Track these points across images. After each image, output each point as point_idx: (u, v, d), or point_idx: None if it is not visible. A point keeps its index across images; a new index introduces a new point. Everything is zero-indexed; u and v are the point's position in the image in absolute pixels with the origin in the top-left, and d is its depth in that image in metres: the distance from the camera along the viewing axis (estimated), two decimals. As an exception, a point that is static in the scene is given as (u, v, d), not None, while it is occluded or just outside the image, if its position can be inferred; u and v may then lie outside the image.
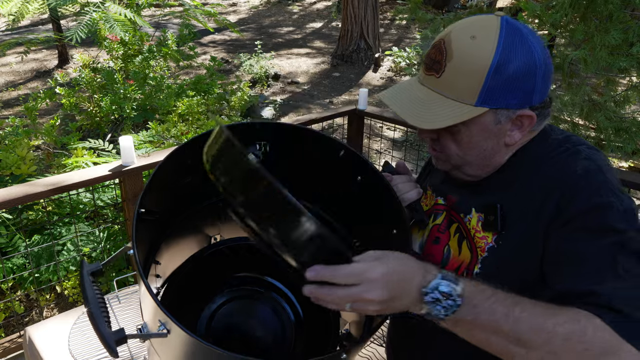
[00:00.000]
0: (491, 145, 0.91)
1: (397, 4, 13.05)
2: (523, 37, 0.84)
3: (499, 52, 0.82)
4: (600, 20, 3.05)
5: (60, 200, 3.02)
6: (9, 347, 2.40)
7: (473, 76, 0.83)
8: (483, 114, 0.86)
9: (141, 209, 0.90)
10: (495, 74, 0.82)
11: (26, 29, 9.88)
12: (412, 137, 5.73)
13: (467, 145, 0.91)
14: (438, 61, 0.87)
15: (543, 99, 0.88)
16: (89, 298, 0.84)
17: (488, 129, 0.89)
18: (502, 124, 0.88)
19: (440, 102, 0.87)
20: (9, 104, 6.83)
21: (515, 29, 0.84)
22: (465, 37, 0.85)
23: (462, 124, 0.87)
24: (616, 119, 3.23)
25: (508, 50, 0.82)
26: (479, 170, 0.96)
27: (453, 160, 0.96)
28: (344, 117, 3.50)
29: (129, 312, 1.69)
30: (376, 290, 0.68)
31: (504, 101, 0.85)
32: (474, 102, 0.85)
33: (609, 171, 0.85)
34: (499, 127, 0.88)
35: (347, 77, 8.52)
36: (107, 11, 4.62)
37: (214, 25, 8.09)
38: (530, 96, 0.86)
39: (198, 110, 4.24)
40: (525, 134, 0.91)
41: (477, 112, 0.85)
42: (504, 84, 0.83)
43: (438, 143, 0.95)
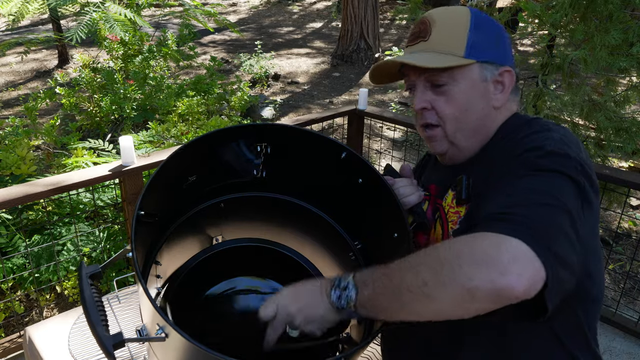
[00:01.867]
0: (481, 104, 0.97)
1: (397, 4, 13.05)
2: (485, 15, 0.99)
3: (473, 16, 0.97)
4: (600, 20, 3.05)
5: (60, 200, 3.02)
6: (9, 347, 2.40)
7: (457, 32, 0.96)
8: (471, 67, 0.95)
9: (140, 212, 0.90)
10: (475, 31, 0.95)
11: (26, 29, 9.88)
12: (412, 137, 5.72)
13: (459, 102, 0.97)
14: (423, 30, 0.99)
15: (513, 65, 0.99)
16: (86, 301, 0.84)
17: (476, 85, 0.96)
18: (488, 83, 0.97)
19: (434, 55, 0.96)
20: (9, 104, 6.83)
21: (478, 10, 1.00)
22: (441, 10, 1.00)
23: (452, 79, 0.96)
24: (616, 119, 3.22)
25: (478, 16, 0.97)
26: (471, 139, 1.00)
27: (448, 127, 0.99)
28: (344, 117, 3.49)
29: (128, 312, 1.69)
30: (289, 306, 0.86)
31: (488, 54, 0.96)
32: (463, 54, 0.95)
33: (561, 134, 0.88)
34: (485, 85, 0.97)
35: (347, 77, 8.52)
36: (107, 11, 4.62)
37: (214, 25, 8.09)
38: (506, 55, 0.99)
39: (198, 110, 4.24)
40: (507, 96, 0.98)
41: (467, 62, 0.95)
42: (484, 39, 0.96)
43: (432, 113, 1.00)
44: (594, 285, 0.92)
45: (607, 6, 2.89)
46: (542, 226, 0.72)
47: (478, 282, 0.66)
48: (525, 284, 0.66)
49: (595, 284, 0.92)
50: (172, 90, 4.45)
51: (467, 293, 0.67)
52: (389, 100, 7.40)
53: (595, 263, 0.92)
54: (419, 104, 1.00)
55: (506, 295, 0.66)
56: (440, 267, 0.70)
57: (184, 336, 0.74)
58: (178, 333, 0.74)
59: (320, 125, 3.49)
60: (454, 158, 1.04)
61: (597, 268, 0.92)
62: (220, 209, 1.18)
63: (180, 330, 0.74)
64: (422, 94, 1.00)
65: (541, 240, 0.70)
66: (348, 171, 1.12)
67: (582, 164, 0.83)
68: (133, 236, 0.85)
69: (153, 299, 0.80)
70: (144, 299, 0.83)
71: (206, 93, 4.82)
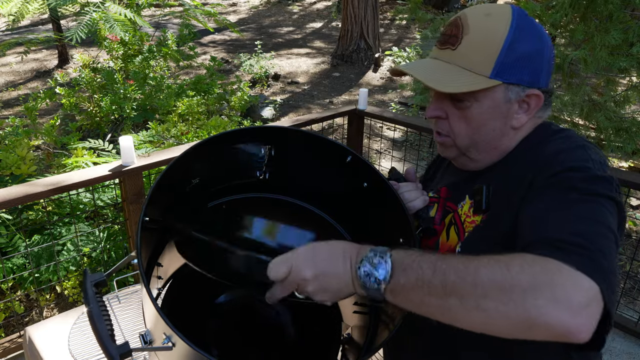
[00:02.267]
0: (499, 125, 0.93)
1: (397, 4, 13.05)
2: (532, 22, 0.91)
3: (512, 31, 0.88)
4: (600, 20, 3.05)
5: (60, 200, 3.02)
6: (9, 347, 2.40)
7: (488, 49, 0.88)
8: (495, 89, 0.89)
9: (145, 218, 0.89)
10: (508, 50, 0.88)
11: (26, 29, 9.88)
12: (412, 137, 5.72)
13: (476, 122, 0.92)
14: (454, 35, 0.91)
15: (547, 84, 0.93)
16: (93, 313, 0.82)
17: (498, 107, 0.91)
18: (512, 103, 0.91)
19: (457, 72, 0.90)
20: (9, 104, 6.83)
21: (525, 15, 0.91)
22: (480, 14, 0.91)
23: (474, 98, 0.90)
24: (616, 119, 3.23)
25: (520, 30, 0.88)
26: (484, 154, 0.96)
27: (459, 142, 0.95)
28: (344, 117, 3.49)
29: (129, 312, 1.69)
30: (304, 270, 0.76)
31: (516, 76, 0.89)
32: (489, 74, 0.88)
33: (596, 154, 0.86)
34: (507, 106, 0.91)
35: (347, 77, 8.52)
36: (107, 11, 4.62)
37: (214, 25, 8.09)
38: (539, 76, 0.91)
39: (198, 110, 4.24)
40: (531, 117, 0.93)
41: (491, 83, 0.88)
42: (516, 60, 0.88)
43: (445, 124, 0.96)
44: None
45: (607, 6, 2.89)
46: (608, 265, 0.70)
47: (547, 317, 0.63)
48: (592, 329, 0.64)
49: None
50: (172, 90, 4.45)
51: (528, 321, 0.64)
52: (389, 100, 7.40)
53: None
54: (432, 111, 0.96)
55: (570, 337, 0.64)
56: (509, 285, 0.66)
57: (191, 346, 0.73)
58: (185, 343, 0.73)
59: (320, 125, 3.49)
60: (466, 166, 1.01)
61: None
62: (222, 210, 1.18)
63: (187, 340, 0.74)
64: (438, 102, 0.95)
65: (608, 281, 0.68)
66: (353, 174, 1.10)
67: (618, 185, 0.82)
68: (138, 243, 0.84)
69: (159, 307, 0.79)
70: (148, 305, 0.82)
71: (206, 93, 4.82)
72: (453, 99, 0.93)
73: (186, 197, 1.10)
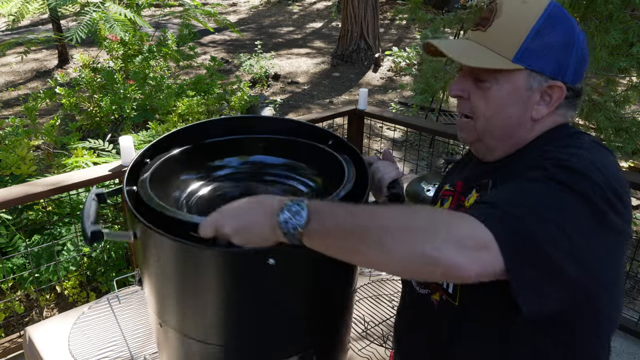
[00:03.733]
0: (517, 113, 0.93)
1: (397, 4, 13.05)
2: (568, 17, 0.91)
3: (543, 19, 0.89)
4: (600, 20, 3.05)
5: (60, 200, 3.02)
6: (9, 347, 2.40)
7: (515, 33, 0.90)
8: (517, 73, 0.90)
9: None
10: (535, 36, 0.89)
11: (26, 29, 9.88)
12: (412, 137, 5.73)
13: (495, 104, 0.93)
14: (487, 18, 0.94)
15: (576, 81, 0.92)
16: (84, 207, 0.99)
17: (518, 92, 0.91)
18: (533, 92, 0.91)
19: (482, 51, 0.92)
20: (9, 104, 6.83)
21: (562, 10, 0.91)
22: (517, 0, 0.93)
23: (495, 79, 0.92)
24: (616, 119, 3.23)
25: (551, 19, 0.89)
26: (499, 142, 0.97)
27: (479, 125, 0.96)
28: (344, 117, 3.50)
29: (129, 312, 1.69)
30: (225, 227, 0.84)
31: (539, 64, 0.90)
32: (512, 58, 0.90)
33: (599, 159, 0.83)
34: (528, 93, 0.91)
35: (347, 77, 8.52)
36: (107, 11, 4.62)
37: (214, 25, 8.08)
38: (565, 70, 0.90)
39: (198, 110, 4.24)
40: (552, 111, 0.93)
41: (512, 66, 0.90)
42: (541, 48, 0.89)
43: (467, 104, 0.97)
44: (604, 308, 0.91)
45: (607, 6, 2.89)
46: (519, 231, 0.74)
47: (439, 255, 0.71)
48: (478, 271, 0.72)
49: (606, 309, 0.92)
50: (172, 90, 4.45)
51: (423, 258, 0.72)
52: (389, 100, 7.40)
53: (610, 293, 0.90)
54: (454, 89, 0.98)
55: (456, 274, 0.72)
56: (412, 227, 0.74)
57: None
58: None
59: (320, 125, 3.49)
60: (481, 154, 1.03)
61: (610, 296, 0.90)
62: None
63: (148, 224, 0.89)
64: (461, 81, 0.97)
65: (514, 239, 0.73)
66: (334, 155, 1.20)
67: (603, 188, 0.78)
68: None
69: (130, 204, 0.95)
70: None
71: (206, 93, 4.81)
72: (476, 79, 0.94)
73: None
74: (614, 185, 0.80)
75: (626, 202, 0.82)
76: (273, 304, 0.98)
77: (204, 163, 1.26)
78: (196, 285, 0.96)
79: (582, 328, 0.90)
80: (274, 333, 1.02)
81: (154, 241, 0.94)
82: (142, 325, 1.63)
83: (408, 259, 0.73)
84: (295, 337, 1.06)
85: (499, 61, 0.90)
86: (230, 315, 1.00)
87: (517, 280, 0.74)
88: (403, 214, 0.77)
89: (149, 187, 1.03)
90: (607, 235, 0.80)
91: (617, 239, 0.83)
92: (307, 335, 1.08)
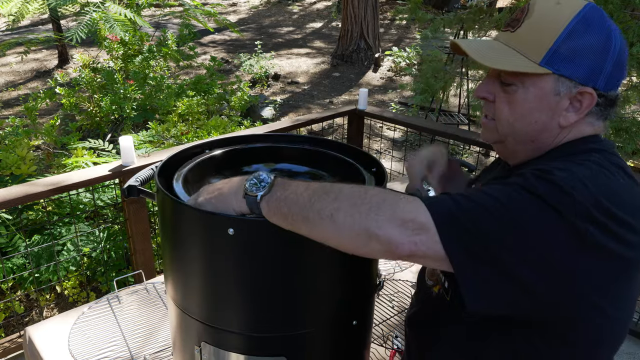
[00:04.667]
0: (543, 119, 0.89)
1: (397, 4, 13.05)
2: (604, 19, 0.86)
3: (576, 21, 0.84)
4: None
5: (60, 200, 3.02)
6: (9, 347, 2.40)
7: (544, 35, 0.85)
8: (544, 77, 0.86)
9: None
10: (566, 39, 0.84)
11: (26, 29, 9.88)
12: (412, 137, 5.73)
13: (520, 108, 0.89)
14: (517, 19, 0.90)
15: (610, 88, 0.87)
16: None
17: (545, 97, 0.87)
18: (561, 97, 0.86)
19: (509, 53, 0.89)
20: (9, 104, 6.83)
21: (599, 10, 0.86)
22: (551, 1, 0.88)
23: (521, 83, 0.88)
24: (616, 119, 3.23)
25: (585, 22, 0.84)
26: (521, 146, 0.93)
27: (500, 127, 0.94)
28: (344, 117, 3.50)
29: (129, 312, 1.69)
30: (201, 201, 0.94)
31: (569, 69, 0.85)
32: (539, 61, 0.85)
33: (595, 181, 0.78)
34: (556, 99, 0.87)
35: (347, 77, 8.52)
36: (107, 11, 4.62)
37: (214, 25, 8.09)
38: (597, 76, 0.85)
39: (198, 110, 4.24)
40: (581, 118, 0.88)
41: (539, 70, 0.85)
42: (571, 51, 0.84)
43: (492, 107, 0.94)
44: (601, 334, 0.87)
45: (607, 6, 2.89)
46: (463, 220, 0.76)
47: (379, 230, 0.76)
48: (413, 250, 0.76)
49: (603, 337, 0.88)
50: (172, 90, 4.45)
51: (366, 232, 0.77)
52: (389, 100, 7.40)
53: (609, 317, 0.85)
54: (479, 91, 0.96)
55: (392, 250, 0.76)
56: (360, 202, 0.78)
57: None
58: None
59: (320, 125, 3.49)
60: (503, 154, 1.01)
61: (610, 319, 0.85)
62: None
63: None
64: (487, 84, 0.94)
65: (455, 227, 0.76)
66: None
67: (586, 206, 0.74)
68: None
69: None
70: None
71: (206, 93, 4.82)
72: (502, 82, 0.91)
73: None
74: (606, 205, 0.75)
75: (631, 225, 0.77)
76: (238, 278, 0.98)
77: (233, 169, 1.29)
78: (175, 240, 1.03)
79: (577, 342, 0.87)
80: (243, 311, 1.01)
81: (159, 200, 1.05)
82: (142, 325, 1.63)
83: (354, 233, 0.78)
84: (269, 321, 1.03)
85: (525, 64, 0.86)
86: (207, 285, 1.02)
87: (459, 272, 0.76)
88: (357, 191, 0.81)
89: (181, 182, 1.11)
90: (590, 255, 0.76)
91: (611, 263, 0.78)
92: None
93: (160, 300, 1.76)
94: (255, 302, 0.99)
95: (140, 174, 1.18)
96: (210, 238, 0.96)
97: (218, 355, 1.05)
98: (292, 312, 1.01)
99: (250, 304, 1.00)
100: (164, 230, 1.07)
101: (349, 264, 1.02)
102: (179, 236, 1.01)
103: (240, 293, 0.99)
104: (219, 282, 0.99)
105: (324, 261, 0.98)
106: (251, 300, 0.99)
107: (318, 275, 1.00)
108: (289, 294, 0.99)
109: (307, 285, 0.99)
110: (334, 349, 1.12)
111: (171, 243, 1.04)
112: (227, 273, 0.98)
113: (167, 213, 1.02)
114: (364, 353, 1.22)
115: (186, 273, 1.03)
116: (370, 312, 1.20)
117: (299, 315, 1.02)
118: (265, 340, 1.03)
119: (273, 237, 0.91)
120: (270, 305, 0.99)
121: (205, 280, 1.01)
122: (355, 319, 1.10)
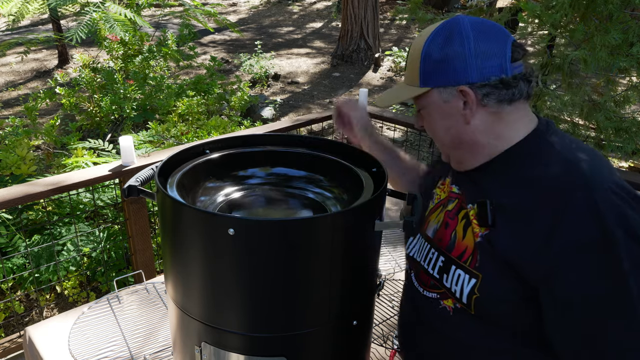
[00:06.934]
0: (453, 124, 1.02)
1: (397, 4, 13.05)
2: (447, 28, 0.99)
3: (427, 43, 1.00)
4: (600, 20, 3.04)
5: (60, 200, 3.02)
6: (9, 347, 2.40)
7: (413, 64, 1.03)
8: (430, 93, 1.02)
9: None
10: (425, 60, 1.01)
11: (26, 29, 9.88)
12: (412, 137, 5.73)
13: (431, 125, 1.06)
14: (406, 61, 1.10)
15: (485, 79, 0.97)
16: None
17: (440, 107, 1.02)
18: (451, 102, 1.00)
19: (403, 89, 1.08)
20: (9, 104, 6.83)
21: (451, 25, 0.99)
22: (418, 36, 1.06)
23: (421, 106, 1.05)
24: (616, 119, 3.22)
25: (432, 41, 1.00)
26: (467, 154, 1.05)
27: (438, 146, 1.10)
28: (344, 117, 3.49)
29: (129, 312, 1.69)
30: None
31: (439, 80, 1.00)
32: (418, 84, 1.03)
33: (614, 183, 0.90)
34: (449, 105, 1.01)
35: (347, 77, 8.52)
36: (107, 11, 4.62)
37: (214, 25, 8.09)
38: (464, 73, 0.98)
39: (198, 110, 4.24)
40: (479, 109, 0.99)
41: (422, 90, 1.02)
42: (433, 67, 1.00)
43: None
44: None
45: (607, 6, 2.89)
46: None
47: None
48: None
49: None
50: (172, 90, 4.45)
51: None
52: (389, 100, 7.40)
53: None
54: (416, 125, 1.14)
55: None
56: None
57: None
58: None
59: (320, 125, 3.49)
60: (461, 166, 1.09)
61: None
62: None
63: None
64: (415, 117, 1.13)
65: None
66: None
67: None
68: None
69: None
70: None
71: (206, 93, 4.82)
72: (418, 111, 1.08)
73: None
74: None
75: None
76: (238, 278, 0.97)
77: (229, 173, 1.29)
78: (175, 240, 1.03)
79: None
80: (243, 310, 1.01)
81: (159, 200, 1.06)
82: (142, 325, 1.63)
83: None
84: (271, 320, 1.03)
85: (412, 91, 1.04)
86: (207, 283, 1.01)
87: None
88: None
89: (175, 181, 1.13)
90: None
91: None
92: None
93: (160, 300, 1.76)
94: (255, 302, 0.99)
95: (141, 174, 1.18)
96: (211, 238, 0.95)
97: (218, 355, 1.05)
98: (292, 312, 1.00)
99: (250, 304, 0.99)
100: (164, 230, 1.07)
101: (349, 264, 1.02)
102: (179, 236, 1.00)
103: (240, 293, 0.99)
104: (219, 282, 0.99)
105: (324, 261, 0.97)
106: (251, 301, 0.99)
107: (318, 276, 0.99)
108: (289, 294, 0.98)
109: (307, 286, 0.99)
110: (334, 349, 1.12)
111: (171, 243, 1.04)
112: (228, 273, 0.97)
113: (167, 213, 1.02)
114: (364, 353, 1.22)
115: (186, 273, 1.03)
116: (371, 312, 1.20)
117: (299, 315, 1.01)
118: (265, 340, 1.02)
119: (273, 237, 0.91)
120: (270, 305, 0.99)
121: (206, 280, 1.00)
122: (356, 319, 1.10)
